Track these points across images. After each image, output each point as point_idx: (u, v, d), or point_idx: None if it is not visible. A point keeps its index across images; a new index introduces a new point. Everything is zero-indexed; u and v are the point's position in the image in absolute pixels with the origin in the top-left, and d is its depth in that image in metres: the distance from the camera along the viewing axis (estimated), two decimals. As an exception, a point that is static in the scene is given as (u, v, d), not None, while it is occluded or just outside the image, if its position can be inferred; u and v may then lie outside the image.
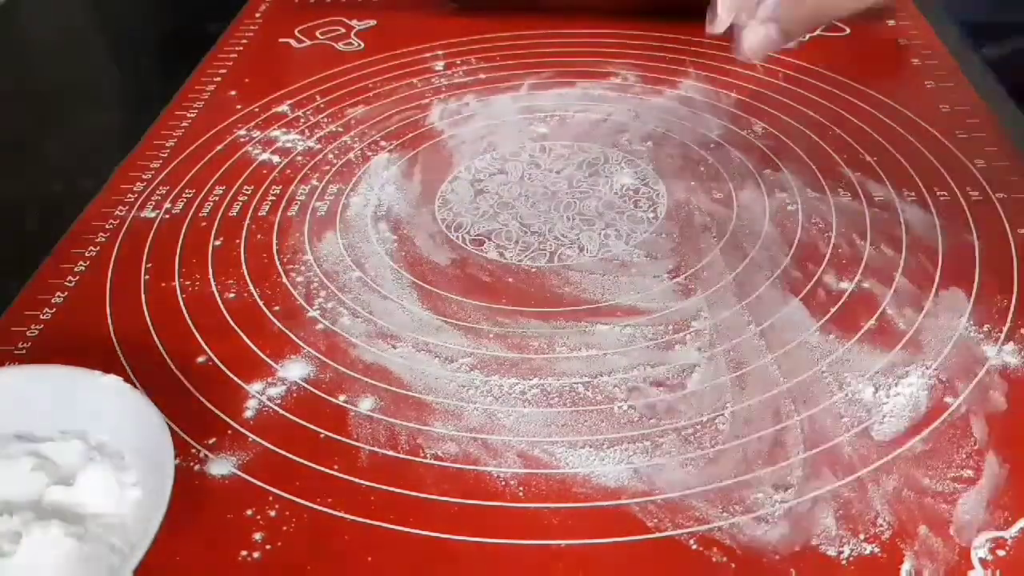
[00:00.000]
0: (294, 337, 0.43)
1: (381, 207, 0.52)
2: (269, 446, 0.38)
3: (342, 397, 0.40)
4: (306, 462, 0.37)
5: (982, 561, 0.32)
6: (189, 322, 0.44)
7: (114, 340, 0.43)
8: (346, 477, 0.36)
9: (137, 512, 0.33)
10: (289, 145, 0.57)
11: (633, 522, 0.34)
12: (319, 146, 0.57)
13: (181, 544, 0.34)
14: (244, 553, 0.34)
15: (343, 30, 0.70)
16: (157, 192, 0.53)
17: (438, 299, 0.45)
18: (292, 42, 0.69)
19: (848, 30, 0.67)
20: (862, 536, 0.33)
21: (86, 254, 0.48)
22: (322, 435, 0.38)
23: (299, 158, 0.56)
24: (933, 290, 0.44)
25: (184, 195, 0.53)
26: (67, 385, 0.36)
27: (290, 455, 0.37)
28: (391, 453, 0.37)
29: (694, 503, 0.35)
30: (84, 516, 0.32)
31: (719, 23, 0.48)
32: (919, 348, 0.41)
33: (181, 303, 0.45)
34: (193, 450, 0.37)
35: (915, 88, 0.60)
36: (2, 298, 0.46)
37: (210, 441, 0.38)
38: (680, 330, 0.42)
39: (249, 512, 0.35)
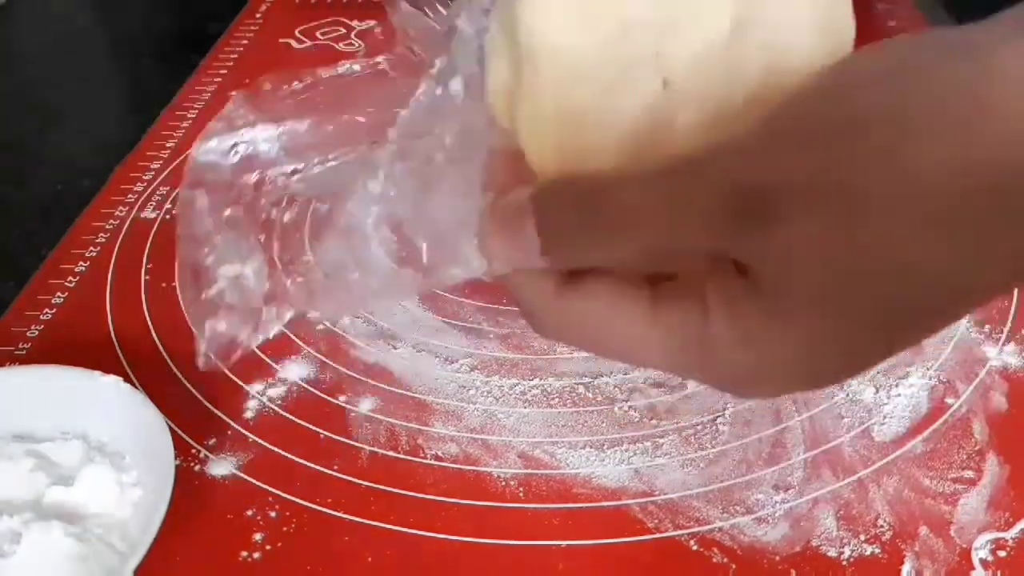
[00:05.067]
0: (294, 337, 0.43)
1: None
2: (269, 446, 0.38)
3: (342, 397, 0.40)
4: (306, 462, 0.37)
5: (983, 562, 0.32)
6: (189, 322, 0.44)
7: (114, 340, 0.43)
8: (346, 477, 0.36)
9: (137, 512, 0.33)
10: (289, 145, 0.57)
11: (633, 522, 0.34)
12: (319, 146, 0.57)
13: (181, 544, 0.34)
14: (244, 553, 0.33)
15: (343, 30, 0.70)
16: (157, 192, 0.53)
17: (438, 299, 0.45)
18: (292, 42, 0.69)
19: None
20: (863, 537, 0.33)
21: (86, 254, 0.48)
22: (322, 435, 0.38)
23: (299, 158, 0.56)
24: (934, 291, 0.44)
25: (184, 195, 0.53)
26: (67, 385, 0.36)
27: (290, 455, 0.37)
28: (391, 453, 0.37)
29: (694, 504, 0.35)
30: (84, 516, 0.32)
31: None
32: (920, 349, 0.41)
33: (181, 303, 0.45)
34: (193, 450, 0.37)
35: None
36: (2, 298, 0.46)
37: (210, 441, 0.38)
38: (680, 330, 0.42)
39: (249, 512, 0.35)
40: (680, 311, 0.20)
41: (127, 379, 0.36)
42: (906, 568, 0.32)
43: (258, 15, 0.73)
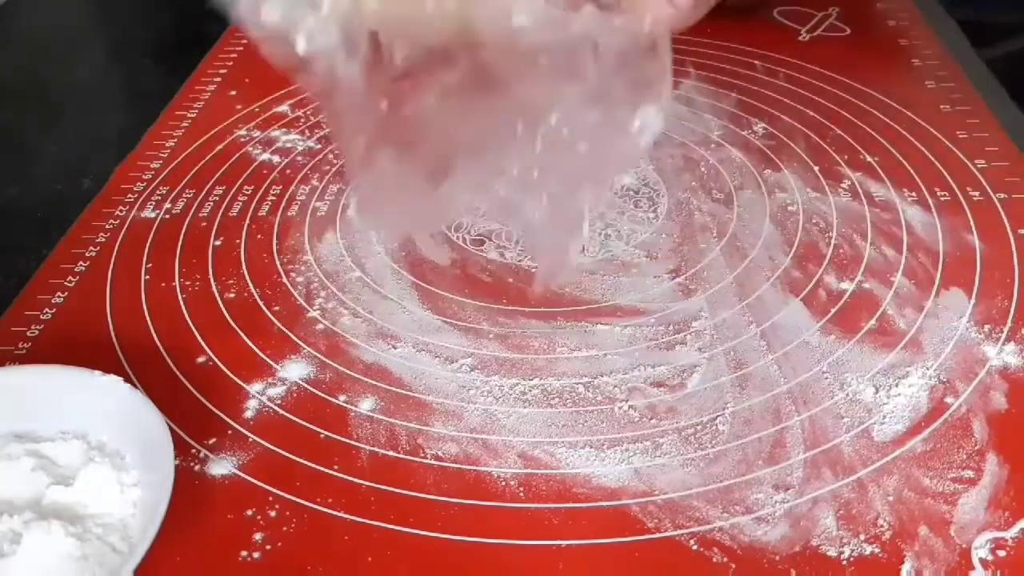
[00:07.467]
0: (294, 337, 0.43)
1: (381, 207, 0.52)
2: (269, 446, 0.38)
3: (342, 397, 0.40)
4: (306, 462, 0.37)
5: (983, 562, 0.32)
6: (189, 322, 0.44)
7: (114, 340, 0.43)
8: (346, 477, 0.36)
9: (137, 512, 0.33)
10: (289, 145, 0.57)
11: (633, 522, 0.34)
12: (319, 146, 0.57)
13: (181, 544, 0.34)
14: (244, 553, 0.34)
15: (343, 30, 0.70)
16: (157, 192, 0.53)
17: (438, 299, 0.45)
18: (292, 42, 0.69)
19: (848, 30, 0.67)
20: (862, 536, 0.33)
21: (86, 254, 0.48)
22: (322, 435, 0.38)
23: (299, 158, 0.56)
24: (934, 290, 0.44)
25: (184, 195, 0.53)
26: (67, 385, 0.36)
27: (290, 455, 0.37)
28: (391, 453, 0.37)
29: (694, 503, 0.35)
30: (84, 516, 0.32)
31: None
32: (920, 348, 0.41)
33: (181, 303, 0.45)
34: (193, 450, 0.37)
35: (915, 88, 0.60)
36: (2, 298, 0.46)
37: (210, 441, 0.38)
38: (680, 330, 0.42)
39: (249, 512, 0.35)
40: None
41: (127, 379, 0.36)
42: (906, 568, 0.32)
43: (258, 15, 0.73)
